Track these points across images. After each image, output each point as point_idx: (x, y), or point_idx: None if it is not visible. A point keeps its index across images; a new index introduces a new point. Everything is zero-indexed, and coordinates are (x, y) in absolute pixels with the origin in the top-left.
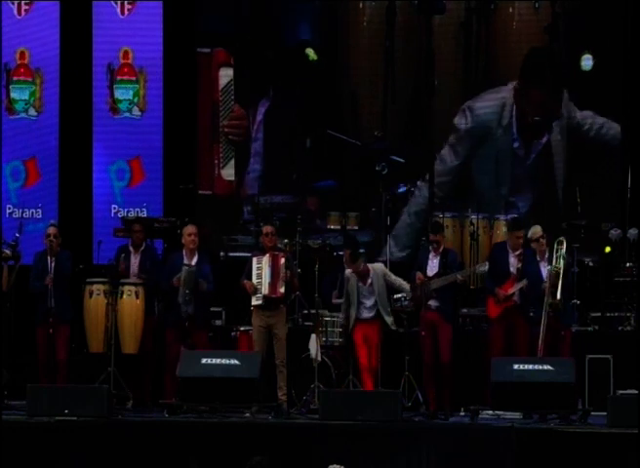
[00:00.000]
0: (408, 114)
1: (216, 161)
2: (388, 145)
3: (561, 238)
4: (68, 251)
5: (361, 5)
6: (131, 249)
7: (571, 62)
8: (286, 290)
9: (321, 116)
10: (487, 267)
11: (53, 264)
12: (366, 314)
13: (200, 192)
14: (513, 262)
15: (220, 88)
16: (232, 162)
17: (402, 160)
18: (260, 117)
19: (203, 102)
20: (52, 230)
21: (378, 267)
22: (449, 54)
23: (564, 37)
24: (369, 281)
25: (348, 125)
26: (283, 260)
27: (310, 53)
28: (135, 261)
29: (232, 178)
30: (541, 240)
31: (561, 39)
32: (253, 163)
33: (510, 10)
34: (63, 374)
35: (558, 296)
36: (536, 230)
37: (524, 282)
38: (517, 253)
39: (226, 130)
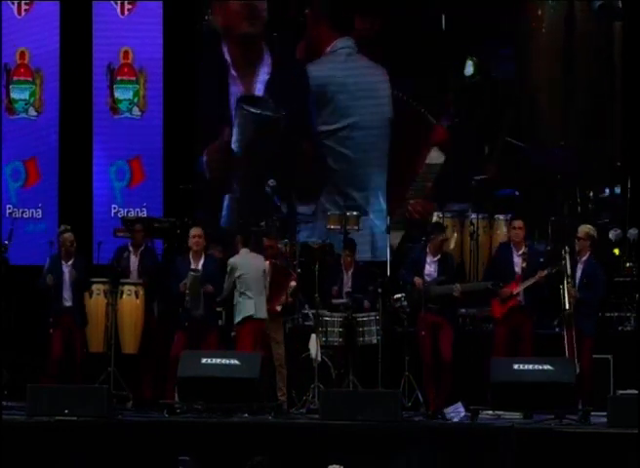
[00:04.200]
0: (588, 121)
1: None
2: (568, 153)
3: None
4: (84, 258)
5: (539, 11)
6: (131, 248)
7: None
8: (282, 308)
9: (500, 123)
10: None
11: (68, 269)
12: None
13: None
14: (518, 262)
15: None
16: None
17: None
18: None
19: None
20: (69, 236)
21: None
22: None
23: None
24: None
25: (528, 132)
26: (294, 284)
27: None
28: (134, 261)
29: None
30: (581, 241)
31: None
32: None
33: None
34: (79, 375)
35: (567, 306)
36: (580, 229)
37: (531, 280)
38: (521, 252)
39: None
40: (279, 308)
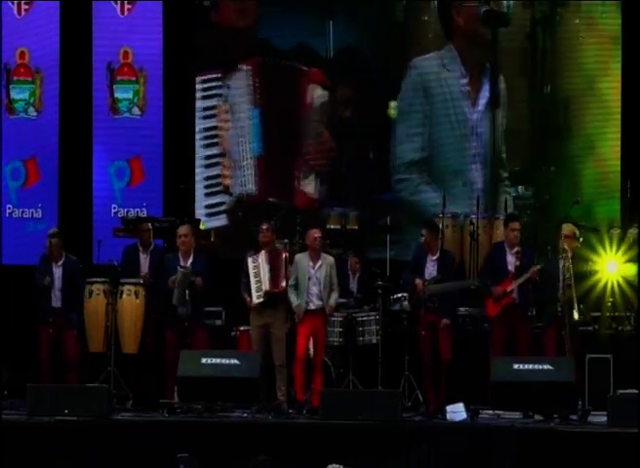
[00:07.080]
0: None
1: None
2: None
3: (565, 246)
4: (75, 258)
5: (426, 17)
6: (140, 248)
7: None
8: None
9: None
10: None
11: (60, 269)
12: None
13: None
14: (511, 260)
15: (313, 108)
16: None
17: None
18: None
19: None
20: (55, 241)
21: (329, 257)
22: (515, 67)
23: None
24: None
25: None
26: (285, 255)
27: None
28: (145, 261)
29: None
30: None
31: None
32: None
33: (577, 21)
34: (74, 375)
35: (575, 316)
36: (565, 228)
37: (525, 276)
38: (515, 250)
39: (311, 163)
40: (284, 284)
